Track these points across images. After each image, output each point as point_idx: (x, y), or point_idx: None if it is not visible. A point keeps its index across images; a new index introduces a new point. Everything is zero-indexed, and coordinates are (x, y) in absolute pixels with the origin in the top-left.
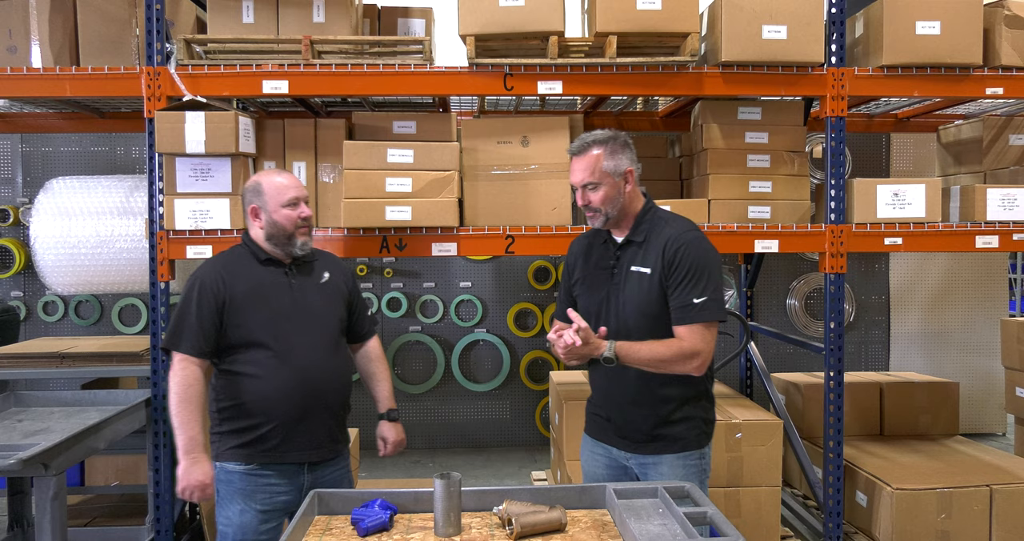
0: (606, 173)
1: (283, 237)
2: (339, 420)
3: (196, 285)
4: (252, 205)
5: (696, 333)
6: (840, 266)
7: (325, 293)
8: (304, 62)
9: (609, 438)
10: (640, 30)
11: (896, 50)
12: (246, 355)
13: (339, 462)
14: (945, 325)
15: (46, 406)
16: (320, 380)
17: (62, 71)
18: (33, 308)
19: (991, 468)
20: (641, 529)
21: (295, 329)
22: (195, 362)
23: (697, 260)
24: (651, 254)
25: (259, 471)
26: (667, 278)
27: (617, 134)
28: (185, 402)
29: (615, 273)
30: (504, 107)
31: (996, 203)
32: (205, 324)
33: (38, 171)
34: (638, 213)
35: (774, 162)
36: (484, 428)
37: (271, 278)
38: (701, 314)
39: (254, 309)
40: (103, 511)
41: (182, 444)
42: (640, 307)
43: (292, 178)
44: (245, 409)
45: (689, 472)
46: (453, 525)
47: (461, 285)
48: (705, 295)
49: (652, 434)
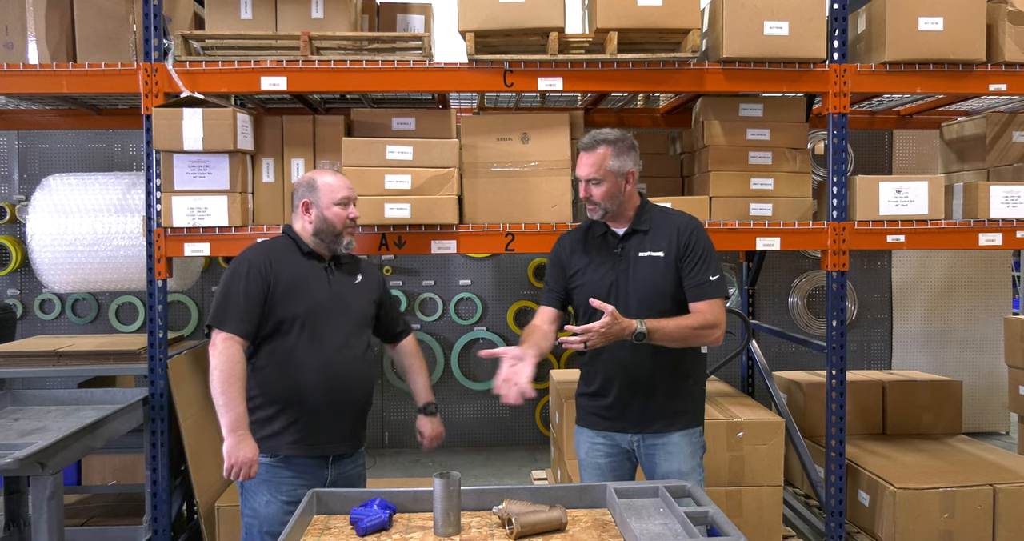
0: (610, 171)
1: (331, 234)
2: (362, 414)
3: (245, 265)
4: (304, 199)
5: (716, 306)
6: (842, 264)
7: (359, 293)
8: (302, 58)
9: (611, 425)
10: (641, 26)
11: (898, 46)
12: (279, 343)
13: (358, 458)
14: (948, 323)
15: (43, 405)
16: (348, 374)
17: (59, 67)
18: (30, 306)
19: (994, 467)
20: (642, 528)
21: (330, 322)
22: (237, 341)
23: (706, 243)
24: (661, 240)
25: (284, 463)
26: (683, 260)
27: (625, 136)
28: (231, 380)
29: (620, 259)
30: (504, 104)
31: (999, 200)
32: (252, 305)
33: (35, 168)
34: (636, 208)
35: (776, 159)
36: (484, 427)
37: (313, 270)
38: (717, 290)
39: (295, 297)
40: (100, 510)
41: (228, 421)
42: (656, 286)
43: (344, 179)
44: (275, 398)
45: (695, 448)
46: (452, 525)
47: (461, 283)
48: (717, 273)
49: (659, 412)
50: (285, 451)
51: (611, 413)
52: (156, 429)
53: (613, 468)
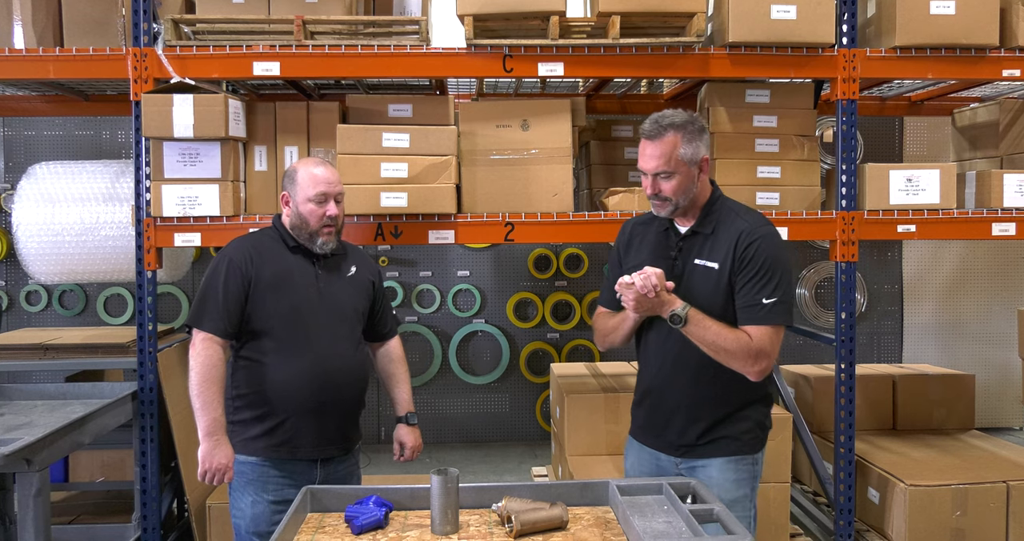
0: (682, 161)
1: (305, 233)
2: (353, 417)
3: (225, 262)
4: (284, 191)
5: (764, 335)
6: (851, 254)
7: (351, 287)
8: (296, 43)
9: (653, 442)
10: (644, 9)
11: (909, 30)
12: (265, 342)
13: (350, 459)
14: (960, 315)
15: (29, 399)
16: (337, 374)
17: (45, 52)
18: (15, 298)
19: (1008, 464)
20: (645, 526)
21: (317, 320)
22: (217, 341)
23: (771, 257)
24: (720, 248)
25: (271, 463)
26: (736, 274)
27: (695, 117)
28: (208, 382)
29: (676, 265)
30: (503, 90)
31: (1013, 189)
32: (231, 303)
33: (20, 156)
34: (705, 203)
35: (783, 146)
36: (483, 422)
37: (299, 266)
38: (770, 316)
39: (278, 295)
40: (88, 508)
41: (204, 425)
42: (704, 304)
43: (329, 172)
44: (260, 399)
45: (741, 476)
46: (451, 523)
47: (459, 274)
48: (776, 296)
49: (705, 436)
50: (271, 454)
51: (652, 429)
52: (145, 424)
53: None
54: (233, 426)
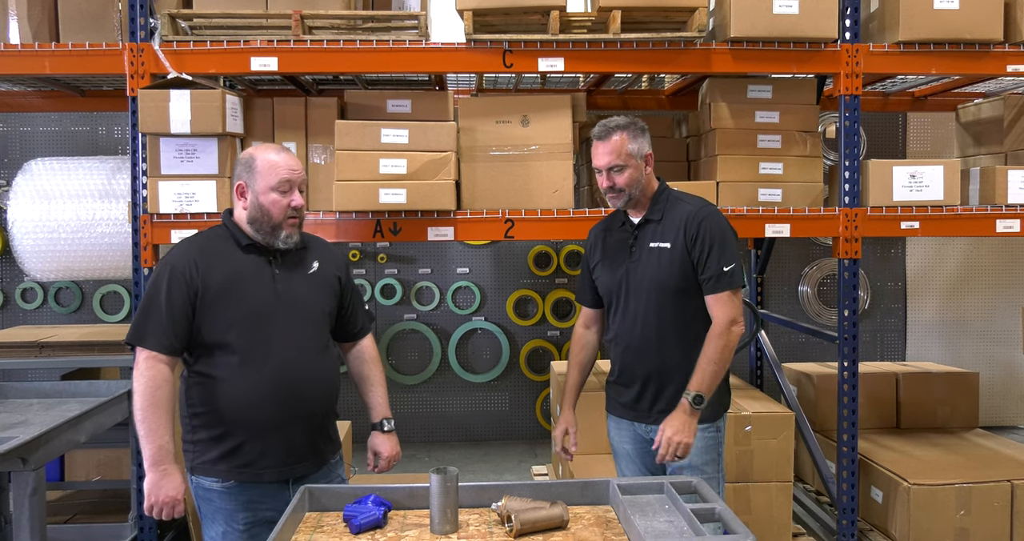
0: (630, 155)
1: (267, 226)
2: (323, 429)
3: (166, 272)
4: (239, 181)
5: (730, 300)
6: (854, 251)
7: (313, 286)
8: (294, 38)
9: (628, 413)
10: (645, 4)
11: (913, 25)
12: (219, 356)
13: (329, 472)
14: (964, 313)
15: (24, 398)
16: (301, 386)
17: (41, 47)
18: (11, 295)
19: (1012, 462)
20: (646, 526)
21: (275, 327)
22: (163, 360)
23: (719, 231)
24: (670, 230)
25: (238, 489)
26: (692, 251)
27: (635, 120)
28: (152, 407)
29: (633, 251)
30: (503, 85)
31: (1018, 185)
32: (175, 317)
33: (16, 152)
34: (654, 194)
35: (785, 142)
36: (482, 421)
37: (252, 267)
38: (732, 281)
39: (230, 303)
40: (84, 507)
41: (150, 454)
42: (658, 280)
43: (290, 158)
44: (216, 419)
45: (708, 443)
46: (450, 522)
47: (458, 271)
48: (732, 263)
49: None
50: (236, 477)
51: (627, 402)
52: None
53: (640, 454)
54: (194, 446)
